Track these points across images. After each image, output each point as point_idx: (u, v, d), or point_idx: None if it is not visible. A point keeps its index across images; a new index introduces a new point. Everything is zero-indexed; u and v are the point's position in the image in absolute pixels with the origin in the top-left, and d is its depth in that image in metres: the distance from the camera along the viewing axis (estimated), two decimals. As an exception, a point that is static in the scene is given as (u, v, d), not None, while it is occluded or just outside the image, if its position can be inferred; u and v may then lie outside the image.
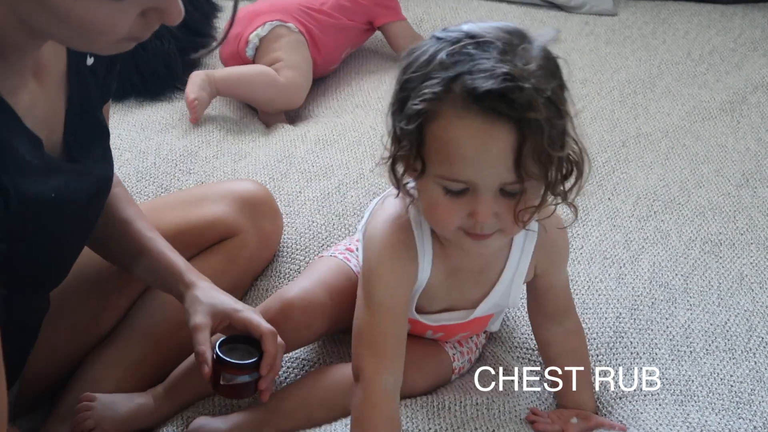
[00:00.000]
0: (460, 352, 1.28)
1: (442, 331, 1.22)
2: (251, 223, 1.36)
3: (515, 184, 0.93)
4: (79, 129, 1.00)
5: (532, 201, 0.96)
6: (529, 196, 0.95)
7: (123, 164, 1.68)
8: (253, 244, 1.37)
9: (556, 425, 1.18)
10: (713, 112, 2.04)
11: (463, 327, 1.21)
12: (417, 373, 1.20)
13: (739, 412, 1.21)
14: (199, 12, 2.26)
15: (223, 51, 2.11)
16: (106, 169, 1.07)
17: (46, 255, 0.97)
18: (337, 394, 1.17)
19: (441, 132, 0.92)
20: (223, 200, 1.35)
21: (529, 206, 0.95)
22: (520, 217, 0.95)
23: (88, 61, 1.02)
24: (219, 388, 1.11)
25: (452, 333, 1.24)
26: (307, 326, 1.23)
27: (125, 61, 1.95)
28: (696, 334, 1.35)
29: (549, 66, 0.93)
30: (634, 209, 1.66)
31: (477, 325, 1.24)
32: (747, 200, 1.70)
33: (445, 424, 1.15)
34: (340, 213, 1.57)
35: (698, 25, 2.52)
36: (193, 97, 1.84)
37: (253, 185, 1.42)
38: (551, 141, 0.90)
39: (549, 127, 0.90)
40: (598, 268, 1.48)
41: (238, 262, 1.35)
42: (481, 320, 1.21)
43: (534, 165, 0.91)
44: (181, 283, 1.15)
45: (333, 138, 1.81)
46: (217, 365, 1.10)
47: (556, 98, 0.91)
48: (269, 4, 2.10)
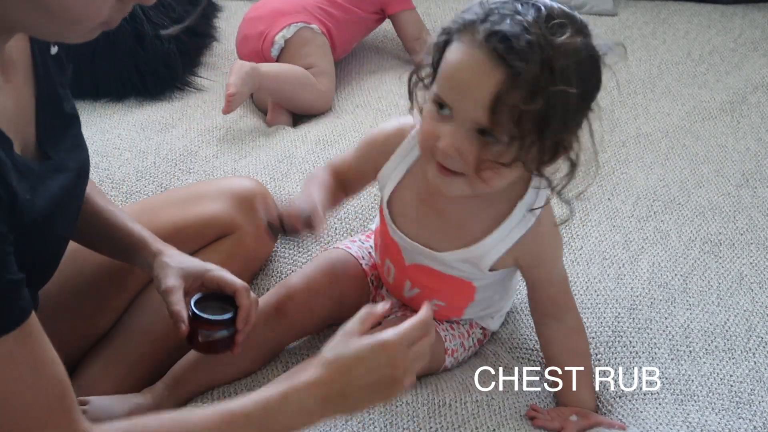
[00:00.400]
0: (451, 334, 1.29)
1: (418, 286, 1.23)
2: (248, 220, 1.36)
3: (489, 133, 0.97)
4: (50, 123, 0.98)
5: (500, 158, 0.98)
6: (498, 151, 0.97)
7: (123, 164, 1.68)
8: (251, 240, 1.37)
9: (555, 422, 1.19)
10: (713, 112, 2.04)
11: (435, 280, 1.21)
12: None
13: (739, 412, 1.21)
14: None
15: (243, 48, 2.11)
16: (81, 158, 1.05)
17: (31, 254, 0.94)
18: None
19: (451, 54, 0.99)
20: (221, 198, 1.35)
21: (493, 159, 0.98)
22: (481, 166, 0.98)
23: (52, 51, 1.00)
24: (197, 345, 1.12)
25: (425, 285, 1.23)
26: (309, 312, 1.26)
27: (125, 61, 1.97)
28: (695, 334, 1.35)
29: (580, 58, 0.95)
30: (634, 209, 1.66)
31: (450, 291, 1.23)
32: (747, 200, 1.70)
33: (446, 423, 1.15)
34: (342, 217, 1.57)
35: (698, 25, 2.52)
36: (234, 91, 1.83)
37: (249, 182, 1.42)
38: (534, 105, 0.92)
39: (539, 94, 0.92)
40: (598, 269, 1.48)
41: (236, 259, 1.35)
42: (452, 284, 1.21)
43: (508, 120, 0.94)
44: (148, 252, 1.16)
45: (333, 138, 1.81)
46: (194, 323, 1.11)
47: (564, 78, 0.93)
48: (289, 3, 2.11)
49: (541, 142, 0.97)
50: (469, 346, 1.31)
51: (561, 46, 0.93)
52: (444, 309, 1.27)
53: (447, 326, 1.29)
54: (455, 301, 1.26)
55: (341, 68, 2.23)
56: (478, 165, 0.99)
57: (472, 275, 1.20)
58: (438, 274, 1.20)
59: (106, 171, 1.65)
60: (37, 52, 0.97)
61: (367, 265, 1.36)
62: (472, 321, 1.31)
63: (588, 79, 0.98)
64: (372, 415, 1.16)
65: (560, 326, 1.21)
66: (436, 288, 1.23)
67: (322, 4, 2.13)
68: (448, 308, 1.27)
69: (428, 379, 1.25)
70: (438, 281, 1.21)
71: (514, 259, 1.16)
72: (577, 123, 1.00)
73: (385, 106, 1.98)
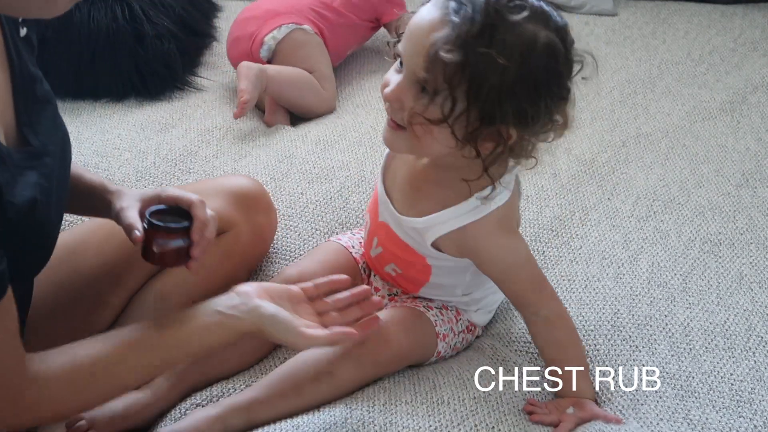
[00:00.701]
0: (441, 319, 1.30)
1: (381, 245, 1.28)
2: (245, 217, 1.36)
3: (425, 89, 1.03)
4: (28, 106, 0.98)
5: (429, 113, 1.04)
6: (428, 107, 1.03)
7: (123, 164, 1.68)
8: (248, 238, 1.37)
9: (552, 415, 1.19)
10: (713, 112, 2.04)
11: (393, 244, 1.25)
12: (401, 330, 1.23)
13: (739, 411, 1.21)
14: (199, 12, 2.26)
15: (232, 50, 2.08)
16: (60, 139, 1.04)
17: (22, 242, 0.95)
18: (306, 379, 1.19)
19: (417, 11, 1.06)
20: (217, 196, 1.35)
21: (422, 113, 1.04)
22: (413, 120, 1.05)
23: (21, 32, 0.99)
24: (151, 255, 1.10)
25: (386, 247, 1.27)
26: None
27: (125, 61, 1.97)
28: (695, 332, 1.35)
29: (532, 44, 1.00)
30: (634, 209, 1.66)
31: (405, 261, 1.26)
32: (747, 200, 1.70)
33: (445, 421, 1.16)
34: (343, 220, 1.57)
35: (698, 25, 2.52)
36: (248, 98, 1.84)
37: (246, 180, 1.42)
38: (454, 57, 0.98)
39: (464, 50, 0.98)
40: (597, 268, 1.48)
41: (233, 257, 1.35)
42: (408, 253, 1.24)
43: (441, 75, 1.00)
44: (108, 193, 1.16)
45: (334, 139, 1.81)
46: (149, 231, 1.09)
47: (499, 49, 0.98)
48: (282, 4, 2.08)
49: (469, 110, 1.02)
50: (458, 331, 1.33)
51: (511, 23, 0.99)
52: (401, 277, 1.30)
53: (437, 312, 1.31)
54: (410, 273, 1.28)
55: (342, 68, 2.23)
56: (411, 118, 1.05)
57: (422, 249, 1.22)
58: (395, 237, 1.24)
59: (105, 171, 1.65)
60: (8, 36, 0.96)
61: (357, 254, 1.39)
62: (457, 308, 1.33)
63: (535, 66, 1.00)
64: (371, 413, 1.16)
65: (536, 320, 1.22)
66: (394, 252, 1.26)
67: (316, 6, 2.09)
68: (404, 277, 1.30)
69: (426, 375, 1.26)
70: (395, 245, 1.25)
71: (457, 245, 1.19)
72: (518, 110, 1.02)
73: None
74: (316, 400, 1.19)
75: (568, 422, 1.18)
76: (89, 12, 1.93)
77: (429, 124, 1.04)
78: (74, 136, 1.74)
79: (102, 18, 1.94)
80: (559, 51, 1.02)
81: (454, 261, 1.22)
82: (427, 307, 1.31)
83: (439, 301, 1.32)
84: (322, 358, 1.19)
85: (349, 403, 1.18)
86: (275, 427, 1.15)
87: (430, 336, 1.28)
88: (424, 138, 1.06)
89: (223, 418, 1.15)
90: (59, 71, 1.92)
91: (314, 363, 1.19)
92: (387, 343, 1.21)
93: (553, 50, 1.01)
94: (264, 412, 1.16)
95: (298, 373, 1.19)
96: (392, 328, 1.22)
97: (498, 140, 1.05)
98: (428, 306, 1.31)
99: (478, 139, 1.04)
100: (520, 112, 1.02)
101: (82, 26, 1.92)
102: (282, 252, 1.50)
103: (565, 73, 1.04)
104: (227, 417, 1.15)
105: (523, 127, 1.04)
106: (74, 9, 1.88)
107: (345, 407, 1.17)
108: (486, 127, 1.03)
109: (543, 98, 1.02)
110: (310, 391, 1.18)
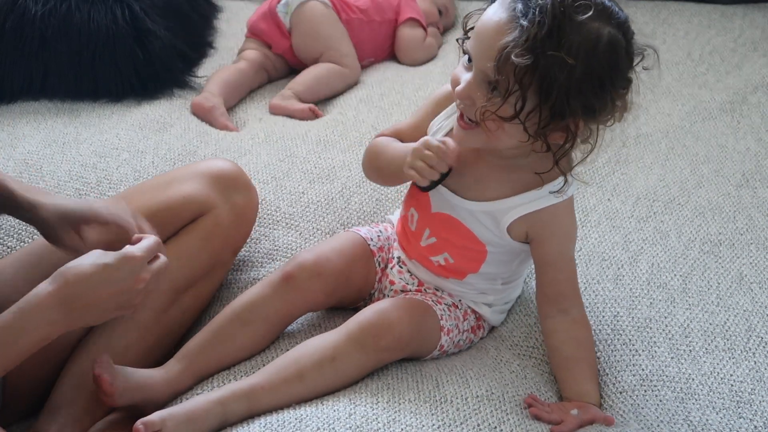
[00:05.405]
0: (448, 314, 1.31)
1: (435, 235, 1.29)
2: (223, 198, 1.36)
3: (496, 88, 1.08)
4: None
5: (501, 111, 1.08)
6: (500, 104, 1.08)
7: (121, 164, 1.68)
8: (228, 219, 1.37)
9: (554, 415, 1.19)
10: (713, 112, 2.03)
11: (453, 233, 1.27)
12: (404, 317, 1.24)
13: (739, 412, 1.21)
14: (198, 13, 2.26)
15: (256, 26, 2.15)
16: None
17: None
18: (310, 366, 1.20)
19: (485, 12, 1.12)
20: (194, 179, 1.35)
21: (495, 111, 1.08)
22: (485, 116, 1.09)
23: None
24: None
25: (443, 236, 1.29)
26: (317, 281, 1.30)
27: (125, 61, 1.97)
28: (695, 333, 1.35)
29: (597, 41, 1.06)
30: (634, 210, 1.66)
31: (462, 249, 1.28)
32: (747, 200, 1.70)
33: (448, 419, 1.16)
34: (345, 220, 1.57)
35: (698, 25, 2.51)
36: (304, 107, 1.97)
37: (221, 162, 1.43)
38: (525, 61, 1.03)
39: (534, 54, 1.02)
40: (597, 269, 1.48)
41: (214, 239, 1.35)
42: (468, 240, 1.26)
43: (511, 76, 1.05)
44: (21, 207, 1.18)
45: (334, 138, 1.81)
46: None
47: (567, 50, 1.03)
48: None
49: (540, 107, 1.07)
50: (463, 329, 1.33)
51: (577, 24, 1.04)
52: (449, 267, 1.31)
53: (445, 308, 1.31)
54: (463, 261, 1.30)
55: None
56: (483, 114, 1.09)
57: (489, 236, 1.25)
58: (458, 225, 1.26)
59: (104, 171, 1.65)
60: None
61: (375, 246, 1.39)
62: (467, 309, 1.33)
63: (599, 63, 1.06)
64: (375, 410, 1.16)
65: (565, 318, 1.24)
66: (452, 241, 1.28)
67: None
68: (454, 266, 1.31)
69: (429, 373, 1.26)
70: (455, 234, 1.27)
71: (529, 226, 1.23)
72: (586, 105, 1.07)
73: (387, 104, 1.97)
74: (319, 386, 1.19)
75: (569, 422, 1.18)
76: (89, 12, 1.93)
77: (501, 120, 1.09)
78: (73, 136, 1.75)
79: (102, 18, 1.93)
80: (620, 46, 1.09)
81: (510, 247, 1.26)
82: (436, 302, 1.31)
83: (451, 299, 1.33)
84: (326, 345, 1.21)
85: (353, 398, 1.18)
86: (278, 417, 1.15)
87: (434, 327, 1.29)
88: (496, 133, 1.11)
89: (223, 401, 1.16)
90: (59, 71, 1.92)
91: (318, 349, 1.21)
92: (390, 327, 1.22)
93: (615, 46, 1.08)
94: (266, 397, 1.17)
95: (300, 358, 1.20)
96: (395, 314, 1.24)
97: (567, 133, 1.11)
98: (437, 301, 1.32)
99: (548, 133, 1.10)
100: (588, 106, 1.09)
101: (82, 26, 1.92)
102: (283, 251, 1.50)
103: (627, 66, 1.12)
104: (228, 401, 1.16)
105: (591, 119, 1.11)
106: (74, 9, 1.90)
107: (349, 402, 1.17)
108: (556, 122, 1.09)
109: (608, 91, 1.09)
110: (313, 377, 1.19)
